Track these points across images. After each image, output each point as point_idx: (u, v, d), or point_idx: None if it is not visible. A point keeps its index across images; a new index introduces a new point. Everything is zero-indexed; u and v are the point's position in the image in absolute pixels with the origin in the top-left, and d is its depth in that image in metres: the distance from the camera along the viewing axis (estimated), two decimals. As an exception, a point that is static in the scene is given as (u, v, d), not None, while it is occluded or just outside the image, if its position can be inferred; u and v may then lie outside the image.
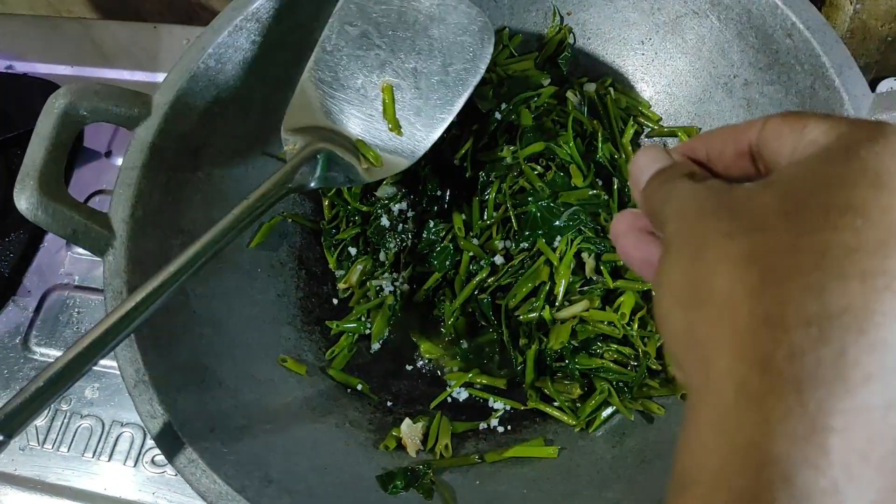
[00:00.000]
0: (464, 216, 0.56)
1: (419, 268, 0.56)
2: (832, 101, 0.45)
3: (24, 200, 0.47)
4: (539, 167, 0.54)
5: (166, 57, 0.78)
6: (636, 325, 0.50)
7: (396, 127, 0.52)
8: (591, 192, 0.52)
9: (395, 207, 0.57)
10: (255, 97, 0.57)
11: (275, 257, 0.58)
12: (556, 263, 0.51)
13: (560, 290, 0.51)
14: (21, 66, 0.81)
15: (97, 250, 0.48)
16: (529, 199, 0.53)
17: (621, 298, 0.50)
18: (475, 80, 0.51)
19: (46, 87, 0.77)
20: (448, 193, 0.57)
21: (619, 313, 0.49)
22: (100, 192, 0.72)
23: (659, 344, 0.50)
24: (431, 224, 0.56)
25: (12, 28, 0.83)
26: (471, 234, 0.55)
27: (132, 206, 0.50)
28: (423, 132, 0.52)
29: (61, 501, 0.59)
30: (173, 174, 0.53)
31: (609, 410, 0.49)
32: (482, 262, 0.54)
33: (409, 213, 0.57)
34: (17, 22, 0.84)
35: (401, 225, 0.57)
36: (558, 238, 0.52)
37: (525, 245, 0.53)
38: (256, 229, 0.57)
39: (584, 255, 0.52)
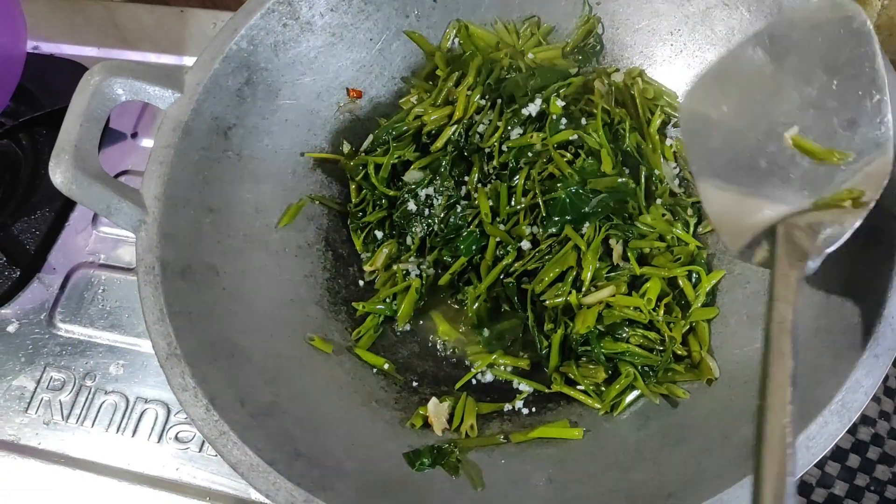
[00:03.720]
0: (491, 202, 0.56)
1: (445, 252, 0.57)
2: (862, 92, 0.45)
3: (60, 175, 0.47)
4: (568, 154, 0.55)
5: (193, 41, 0.79)
6: (662, 311, 0.50)
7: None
8: (619, 181, 0.53)
9: (422, 192, 0.58)
10: (284, 80, 0.58)
11: (302, 239, 0.58)
12: (583, 249, 0.52)
13: (587, 275, 0.51)
14: (47, 48, 0.82)
15: (129, 226, 0.49)
16: (559, 185, 0.53)
17: (647, 284, 0.51)
18: None
19: (73, 68, 0.78)
20: (476, 179, 0.58)
21: (646, 299, 0.50)
22: (126, 172, 0.73)
23: (685, 329, 0.51)
24: (458, 209, 0.57)
25: (37, 9, 0.84)
26: (498, 219, 0.56)
27: (164, 183, 0.50)
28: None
29: (85, 475, 0.60)
30: (204, 153, 0.53)
31: (634, 394, 0.50)
32: (509, 248, 0.55)
33: (436, 199, 0.58)
34: (41, 3, 0.85)
35: (427, 210, 0.58)
36: (586, 224, 0.52)
37: (553, 231, 0.53)
38: (284, 210, 0.58)
39: (612, 241, 0.52)
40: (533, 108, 0.56)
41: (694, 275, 0.52)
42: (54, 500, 0.60)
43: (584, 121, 0.56)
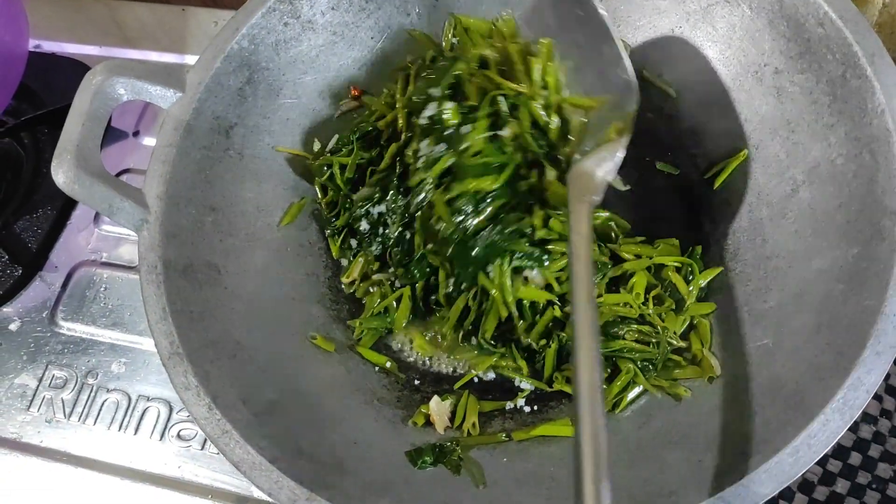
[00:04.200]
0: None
1: (402, 277, 0.55)
2: (863, 90, 0.45)
3: (62, 174, 0.47)
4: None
5: (194, 40, 0.79)
6: (651, 304, 0.50)
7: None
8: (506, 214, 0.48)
9: (375, 210, 0.55)
10: (286, 79, 0.58)
11: (304, 237, 0.58)
12: (498, 298, 0.49)
13: (527, 312, 0.50)
14: (49, 46, 0.82)
15: (131, 225, 0.49)
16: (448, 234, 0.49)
17: (633, 279, 0.51)
18: None
19: (75, 66, 0.78)
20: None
21: (634, 294, 0.50)
22: (127, 171, 0.73)
23: (684, 325, 0.50)
24: (407, 234, 0.54)
25: (39, 8, 0.84)
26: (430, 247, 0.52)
27: (166, 182, 0.50)
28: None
29: (87, 473, 0.60)
30: (206, 153, 0.53)
31: (635, 392, 0.50)
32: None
33: (390, 217, 0.55)
34: (43, 2, 0.85)
35: (381, 228, 0.56)
36: (491, 266, 0.49)
37: (466, 284, 0.51)
38: (286, 209, 0.58)
39: (527, 272, 0.50)
40: (427, 112, 0.50)
41: (687, 269, 0.52)
42: (56, 498, 0.60)
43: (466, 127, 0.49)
